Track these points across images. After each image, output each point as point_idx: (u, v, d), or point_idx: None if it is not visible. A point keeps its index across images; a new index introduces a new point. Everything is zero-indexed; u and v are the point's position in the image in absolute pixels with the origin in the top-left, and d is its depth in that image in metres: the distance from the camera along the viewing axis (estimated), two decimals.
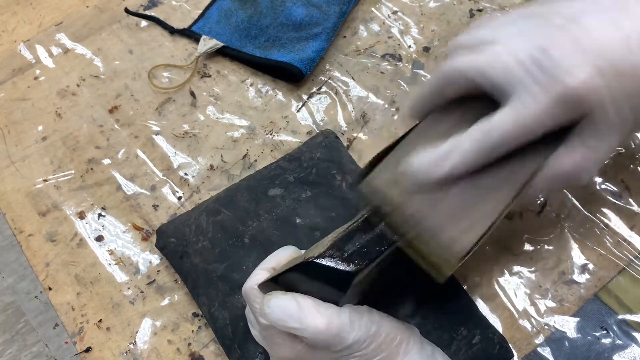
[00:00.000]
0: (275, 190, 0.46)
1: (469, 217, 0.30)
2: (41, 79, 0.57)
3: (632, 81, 0.29)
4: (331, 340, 0.30)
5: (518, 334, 0.42)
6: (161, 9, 0.61)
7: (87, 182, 0.51)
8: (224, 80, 0.56)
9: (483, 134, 0.29)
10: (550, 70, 0.28)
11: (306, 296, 0.32)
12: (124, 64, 0.57)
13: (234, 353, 0.41)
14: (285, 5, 0.58)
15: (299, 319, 0.31)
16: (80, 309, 0.45)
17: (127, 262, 0.47)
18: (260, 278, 0.34)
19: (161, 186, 0.50)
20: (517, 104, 0.29)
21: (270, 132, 0.52)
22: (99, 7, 0.62)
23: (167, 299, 0.45)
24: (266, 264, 0.36)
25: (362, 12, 0.60)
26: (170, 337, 0.44)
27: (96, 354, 0.43)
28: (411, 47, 0.57)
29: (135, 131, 0.53)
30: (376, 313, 0.33)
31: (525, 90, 0.29)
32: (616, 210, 0.46)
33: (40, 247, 0.48)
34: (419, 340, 0.34)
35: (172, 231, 0.45)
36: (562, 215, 0.46)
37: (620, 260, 0.44)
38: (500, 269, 0.44)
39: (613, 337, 0.41)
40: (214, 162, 0.51)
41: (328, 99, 0.54)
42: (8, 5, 0.63)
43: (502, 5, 0.59)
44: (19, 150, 0.53)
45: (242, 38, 0.57)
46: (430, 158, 0.30)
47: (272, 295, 0.32)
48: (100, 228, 0.49)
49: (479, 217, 0.30)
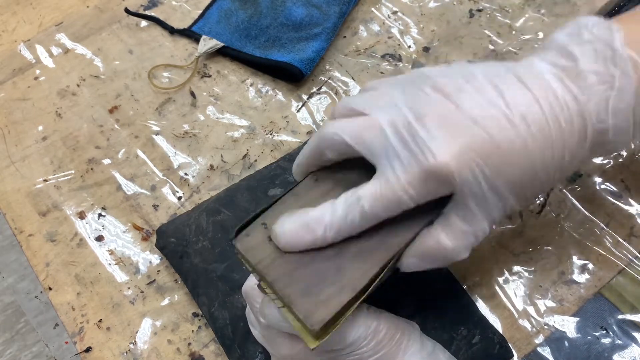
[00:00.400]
0: (275, 190, 0.46)
1: (328, 289, 0.29)
2: (41, 79, 0.57)
3: (510, 156, 0.28)
4: (331, 340, 0.30)
5: (518, 333, 0.42)
6: (161, 9, 0.61)
7: (87, 182, 0.51)
8: (224, 80, 0.56)
9: (350, 205, 0.28)
10: (416, 145, 0.27)
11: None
12: (124, 64, 0.57)
13: (234, 353, 0.41)
14: (285, 6, 0.58)
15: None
16: (80, 309, 0.45)
17: (127, 262, 0.47)
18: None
19: (161, 186, 0.50)
20: (388, 173, 0.28)
21: (270, 132, 0.52)
22: (99, 7, 0.62)
23: (167, 299, 0.45)
24: None
25: (362, 12, 0.60)
26: (170, 337, 0.44)
27: (96, 354, 0.43)
28: (411, 47, 0.57)
29: (135, 131, 0.53)
30: (375, 311, 0.33)
31: (390, 163, 0.28)
32: (616, 210, 0.46)
33: (41, 247, 0.48)
34: (418, 337, 0.34)
35: (172, 231, 0.45)
36: (562, 215, 0.46)
37: (620, 260, 0.44)
38: (500, 269, 0.44)
39: (613, 337, 0.41)
40: (214, 162, 0.51)
41: (328, 99, 0.54)
42: (8, 5, 0.63)
43: (502, 6, 0.59)
44: (19, 150, 0.53)
45: (242, 38, 0.57)
46: (297, 224, 0.29)
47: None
48: (101, 228, 0.49)
49: (339, 289, 0.29)
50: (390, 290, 0.40)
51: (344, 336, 0.31)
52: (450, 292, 0.42)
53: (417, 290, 0.40)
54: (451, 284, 0.42)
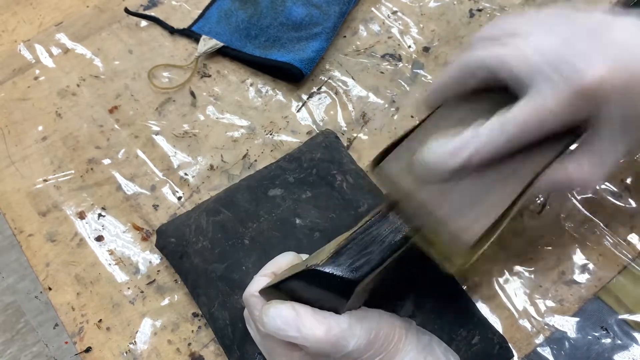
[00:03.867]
0: (276, 190, 0.46)
1: (478, 208, 0.30)
2: (41, 79, 0.57)
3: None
4: (330, 349, 0.30)
5: (518, 334, 0.42)
6: (161, 9, 0.61)
7: (87, 182, 0.51)
8: (224, 80, 0.56)
9: (501, 125, 0.29)
10: (571, 65, 0.28)
11: (305, 305, 0.32)
12: (124, 64, 0.57)
13: (234, 353, 0.41)
14: (285, 5, 0.58)
15: (297, 328, 0.31)
16: (80, 309, 0.45)
17: (127, 262, 0.47)
18: (260, 285, 0.34)
19: (161, 186, 0.50)
20: (536, 96, 0.29)
21: (270, 132, 0.52)
22: (99, 7, 0.62)
23: (167, 299, 0.45)
24: (266, 270, 0.36)
25: (362, 12, 0.60)
26: (170, 337, 0.44)
27: (96, 354, 0.43)
28: (411, 47, 0.57)
29: (135, 131, 0.53)
30: (374, 314, 0.33)
31: (545, 83, 0.29)
32: (616, 210, 0.46)
33: (41, 247, 0.48)
34: (415, 332, 0.34)
35: (172, 231, 0.45)
36: (562, 215, 0.46)
37: (620, 260, 0.44)
38: (500, 269, 0.44)
39: (613, 337, 0.41)
40: (214, 162, 0.51)
41: (328, 99, 0.54)
42: (8, 5, 0.63)
43: (502, 6, 0.59)
44: (19, 150, 0.53)
45: (242, 38, 0.57)
46: (446, 148, 0.30)
47: (271, 305, 0.32)
48: (100, 228, 0.49)
49: (487, 209, 0.30)
50: (391, 291, 0.40)
51: (344, 345, 0.31)
52: (449, 293, 0.42)
53: (417, 291, 0.40)
54: (451, 284, 0.42)
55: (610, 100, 0.28)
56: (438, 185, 0.31)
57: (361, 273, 0.31)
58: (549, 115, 0.29)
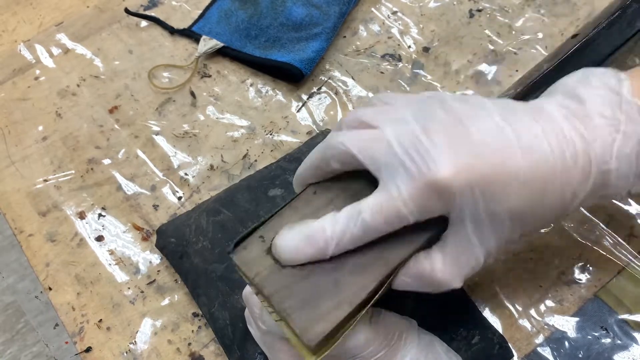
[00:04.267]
0: (276, 190, 0.46)
1: (326, 303, 0.28)
2: (41, 79, 0.57)
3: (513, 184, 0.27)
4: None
5: (518, 333, 0.42)
6: (161, 9, 0.61)
7: (87, 182, 0.51)
8: (224, 80, 0.56)
9: (357, 214, 0.28)
10: (420, 157, 0.27)
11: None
12: (124, 64, 0.57)
13: (234, 353, 0.41)
14: (285, 6, 0.58)
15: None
16: (80, 309, 0.45)
17: (127, 262, 0.47)
18: None
19: (161, 186, 0.50)
20: (390, 185, 0.28)
21: (270, 132, 0.52)
22: (99, 7, 0.62)
23: (167, 299, 0.45)
24: None
25: (362, 12, 0.60)
26: (170, 337, 0.44)
27: (96, 354, 0.43)
28: (411, 47, 0.57)
29: (135, 131, 0.53)
30: (374, 312, 0.33)
31: (393, 176, 0.28)
32: (616, 211, 0.46)
33: (41, 247, 0.48)
34: (416, 332, 0.34)
35: (172, 231, 0.45)
36: None
37: (620, 261, 0.44)
38: (500, 269, 0.44)
39: (613, 337, 0.41)
40: (214, 162, 0.51)
41: (328, 99, 0.54)
42: (8, 5, 0.63)
43: (502, 6, 0.59)
44: (19, 150, 0.53)
45: (242, 38, 0.57)
46: (298, 237, 0.29)
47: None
48: (101, 228, 0.49)
49: (337, 304, 0.28)
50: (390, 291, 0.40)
51: (343, 343, 0.31)
52: (449, 293, 0.42)
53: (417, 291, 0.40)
54: None
55: (460, 198, 0.27)
56: (290, 276, 0.29)
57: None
58: (403, 207, 0.27)
